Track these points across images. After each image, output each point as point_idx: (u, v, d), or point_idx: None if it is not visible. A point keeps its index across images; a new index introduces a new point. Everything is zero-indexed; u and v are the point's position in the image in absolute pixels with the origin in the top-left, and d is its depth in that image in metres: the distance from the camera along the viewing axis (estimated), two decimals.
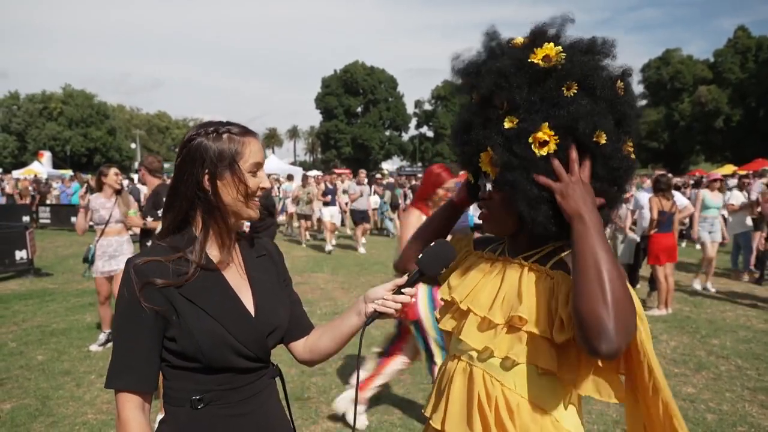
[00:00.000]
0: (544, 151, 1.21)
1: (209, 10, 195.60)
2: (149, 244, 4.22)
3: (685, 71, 53.92)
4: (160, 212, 4.36)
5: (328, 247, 12.53)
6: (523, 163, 1.22)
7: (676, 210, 6.89)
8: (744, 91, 49.56)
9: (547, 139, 1.20)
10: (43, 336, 5.84)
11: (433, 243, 1.37)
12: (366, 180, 14.52)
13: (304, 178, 14.08)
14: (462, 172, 1.56)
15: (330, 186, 14.02)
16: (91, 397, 4.23)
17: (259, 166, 1.33)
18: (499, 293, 1.30)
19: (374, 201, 15.67)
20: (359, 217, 13.02)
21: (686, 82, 53.61)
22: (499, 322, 1.27)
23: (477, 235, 1.63)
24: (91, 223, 5.39)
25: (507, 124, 1.24)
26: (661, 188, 6.83)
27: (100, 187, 5.35)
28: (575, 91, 1.21)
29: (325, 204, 13.17)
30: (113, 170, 5.38)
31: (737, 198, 9.25)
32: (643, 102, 58.25)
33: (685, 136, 53.04)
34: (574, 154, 1.20)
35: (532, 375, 1.23)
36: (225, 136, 1.29)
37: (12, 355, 5.22)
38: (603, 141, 1.22)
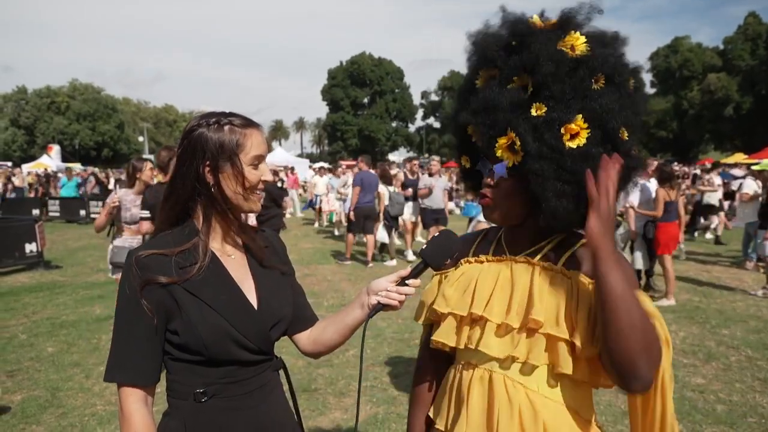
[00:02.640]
0: (574, 144, 1.17)
1: (214, 3, 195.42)
2: None
3: (694, 59, 53.23)
4: None
5: (410, 256, 10.14)
6: (552, 154, 1.18)
7: (680, 199, 6.99)
8: (754, 79, 48.83)
9: (579, 131, 1.17)
10: (53, 328, 5.88)
11: (437, 234, 1.35)
12: (441, 170, 10.82)
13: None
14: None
15: (411, 177, 10.96)
16: (100, 389, 4.26)
17: (260, 158, 1.31)
18: (513, 297, 1.25)
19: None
20: (432, 218, 9.66)
21: (695, 70, 52.93)
22: (517, 327, 1.23)
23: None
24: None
25: (535, 111, 1.19)
26: (666, 178, 6.84)
27: (132, 183, 4.75)
28: (602, 84, 1.20)
29: (406, 199, 10.27)
30: (149, 165, 4.77)
31: (749, 187, 9.15)
32: (652, 91, 57.84)
33: (694, 125, 52.45)
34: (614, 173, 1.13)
35: (553, 375, 1.21)
36: (227, 127, 1.27)
37: (22, 347, 5.27)
38: (626, 137, 1.22)
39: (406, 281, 1.31)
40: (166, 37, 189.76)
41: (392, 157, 60.11)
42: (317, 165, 25.30)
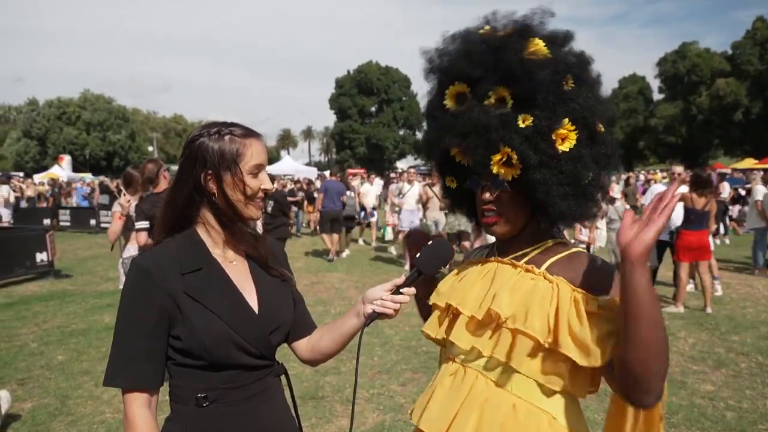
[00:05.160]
0: (565, 147, 1.21)
1: (221, 12, 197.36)
2: None
3: (702, 64, 52.96)
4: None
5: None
6: (551, 161, 1.21)
7: (711, 208, 6.62)
8: (763, 83, 48.50)
9: (567, 134, 1.21)
10: (63, 336, 5.93)
11: (430, 242, 1.37)
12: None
13: None
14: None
15: None
16: (109, 397, 4.29)
17: (260, 167, 1.34)
18: (488, 293, 1.28)
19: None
20: None
21: (704, 75, 52.64)
22: (482, 319, 1.25)
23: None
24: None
25: (522, 123, 1.20)
26: (698, 185, 6.55)
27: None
28: (572, 84, 1.23)
29: None
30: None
31: (761, 192, 9.08)
32: (660, 96, 57.54)
33: (703, 130, 52.14)
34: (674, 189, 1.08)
35: (522, 374, 1.22)
36: (227, 137, 1.31)
37: (33, 355, 5.32)
38: (602, 130, 1.26)
39: (401, 290, 1.33)
40: (172, 44, 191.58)
41: (400, 164, 60.20)
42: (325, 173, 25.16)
